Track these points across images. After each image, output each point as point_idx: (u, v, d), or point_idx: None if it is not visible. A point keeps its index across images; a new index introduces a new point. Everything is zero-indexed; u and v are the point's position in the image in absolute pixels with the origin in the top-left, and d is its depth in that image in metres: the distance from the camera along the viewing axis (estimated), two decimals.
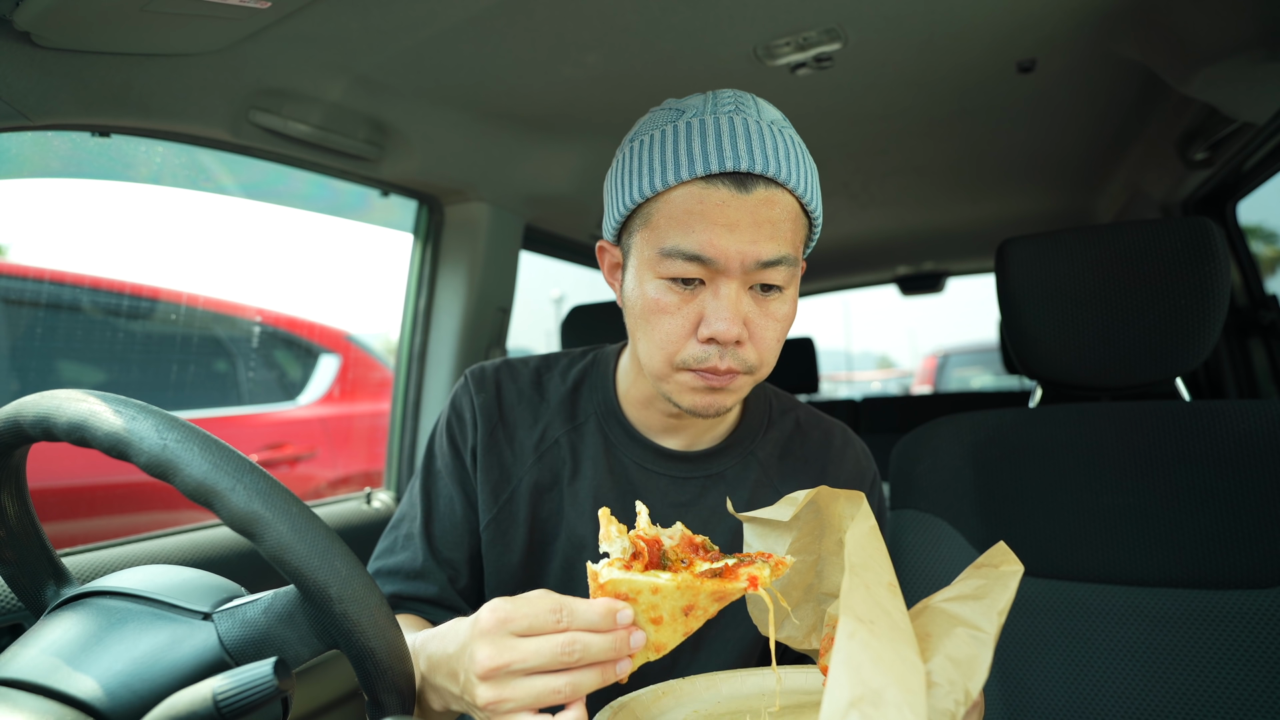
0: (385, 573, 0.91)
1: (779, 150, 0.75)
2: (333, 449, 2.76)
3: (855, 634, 0.51)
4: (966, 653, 0.56)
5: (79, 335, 2.07)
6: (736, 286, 0.74)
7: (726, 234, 0.72)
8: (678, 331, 0.76)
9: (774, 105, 0.86)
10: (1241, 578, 0.95)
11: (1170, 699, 0.94)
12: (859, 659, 0.50)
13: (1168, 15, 1.22)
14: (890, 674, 0.49)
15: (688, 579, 0.57)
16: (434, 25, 1.16)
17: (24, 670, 0.50)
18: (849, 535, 0.60)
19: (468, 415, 0.93)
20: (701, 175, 0.73)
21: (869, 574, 0.57)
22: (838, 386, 16.67)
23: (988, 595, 0.61)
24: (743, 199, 0.73)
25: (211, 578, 0.61)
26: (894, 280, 3.68)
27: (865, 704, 0.47)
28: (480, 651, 0.56)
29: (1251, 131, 1.51)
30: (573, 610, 0.56)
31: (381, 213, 1.85)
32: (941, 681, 0.54)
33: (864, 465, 0.97)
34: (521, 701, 0.55)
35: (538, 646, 0.55)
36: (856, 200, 2.33)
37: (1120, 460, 1.05)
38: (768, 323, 0.77)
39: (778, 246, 0.74)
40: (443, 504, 0.92)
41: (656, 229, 0.76)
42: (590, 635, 0.55)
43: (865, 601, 0.54)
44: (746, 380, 0.79)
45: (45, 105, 1.00)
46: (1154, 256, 1.06)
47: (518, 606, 0.56)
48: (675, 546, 0.61)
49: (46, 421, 0.53)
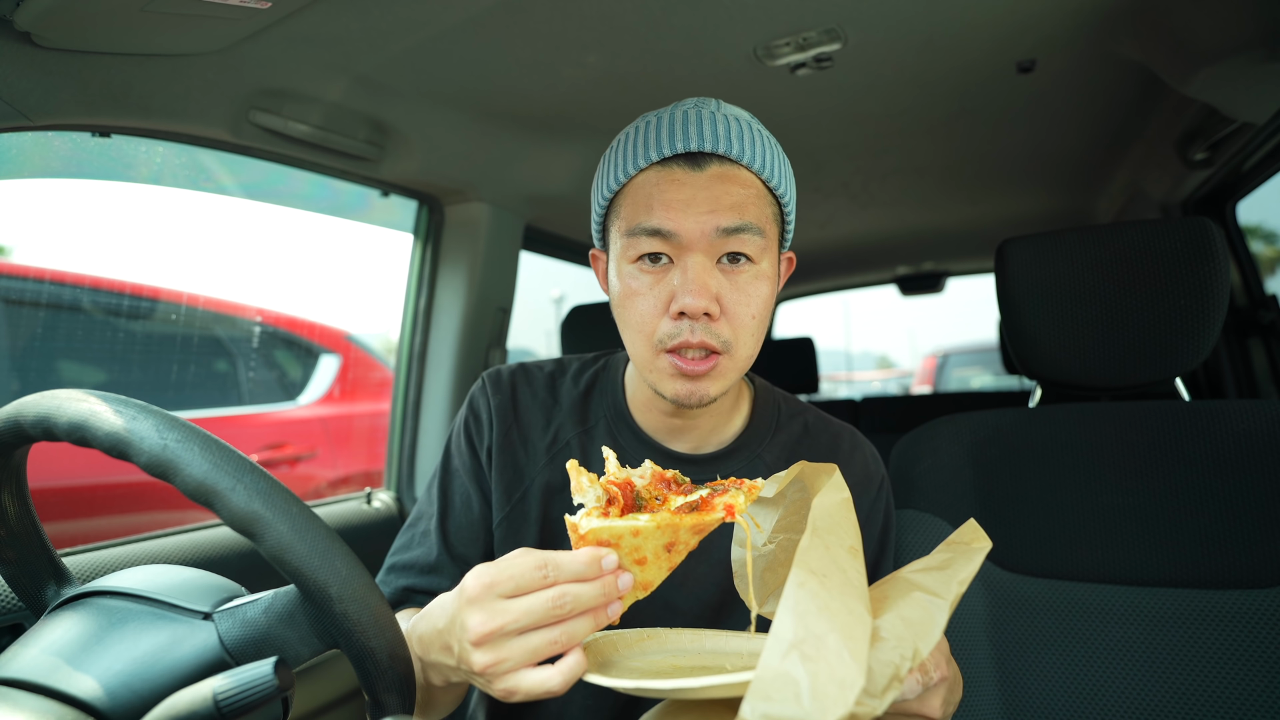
0: (400, 567, 0.92)
1: (731, 131, 0.78)
2: (333, 449, 2.76)
3: (805, 584, 0.53)
4: (920, 615, 0.57)
5: (79, 335, 2.07)
6: (701, 259, 0.77)
7: (684, 207, 0.76)
8: (651, 311, 0.78)
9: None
10: (1241, 578, 0.95)
11: (1170, 699, 0.94)
12: (806, 606, 0.51)
13: (1168, 15, 1.22)
14: (834, 622, 0.51)
15: (666, 518, 0.58)
16: (434, 25, 1.16)
17: (24, 670, 0.50)
18: (816, 501, 0.62)
19: (484, 416, 0.95)
20: (657, 160, 0.78)
21: (831, 536, 0.58)
22: (837, 386, 16.67)
23: (950, 566, 0.62)
24: (696, 175, 0.77)
25: (212, 577, 0.61)
26: (894, 280, 3.68)
27: (806, 646, 0.49)
28: (471, 619, 0.56)
29: (1251, 131, 1.51)
30: (558, 564, 0.56)
31: (381, 213, 1.85)
32: (889, 637, 0.55)
33: (872, 469, 0.97)
34: (519, 660, 0.56)
35: (528, 605, 0.56)
36: (856, 200, 2.33)
37: (1120, 460, 1.05)
38: (739, 297, 0.78)
39: (737, 215, 0.77)
40: (459, 501, 0.93)
41: (624, 217, 0.81)
42: (578, 585, 0.56)
43: (822, 558, 0.56)
44: (726, 363, 0.79)
45: (46, 105, 1.00)
46: (1154, 256, 1.06)
47: (502, 569, 0.57)
48: (648, 485, 0.62)
49: (47, 421, 0.53)
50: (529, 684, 0.56)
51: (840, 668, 0.48)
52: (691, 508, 0.60)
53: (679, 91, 1.44)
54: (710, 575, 0.89)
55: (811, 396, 3.01)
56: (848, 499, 0.63)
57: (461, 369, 1.89)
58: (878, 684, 0.52)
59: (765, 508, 0.72)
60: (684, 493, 0.62)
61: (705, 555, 0.89)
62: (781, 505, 0.71)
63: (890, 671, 0.53)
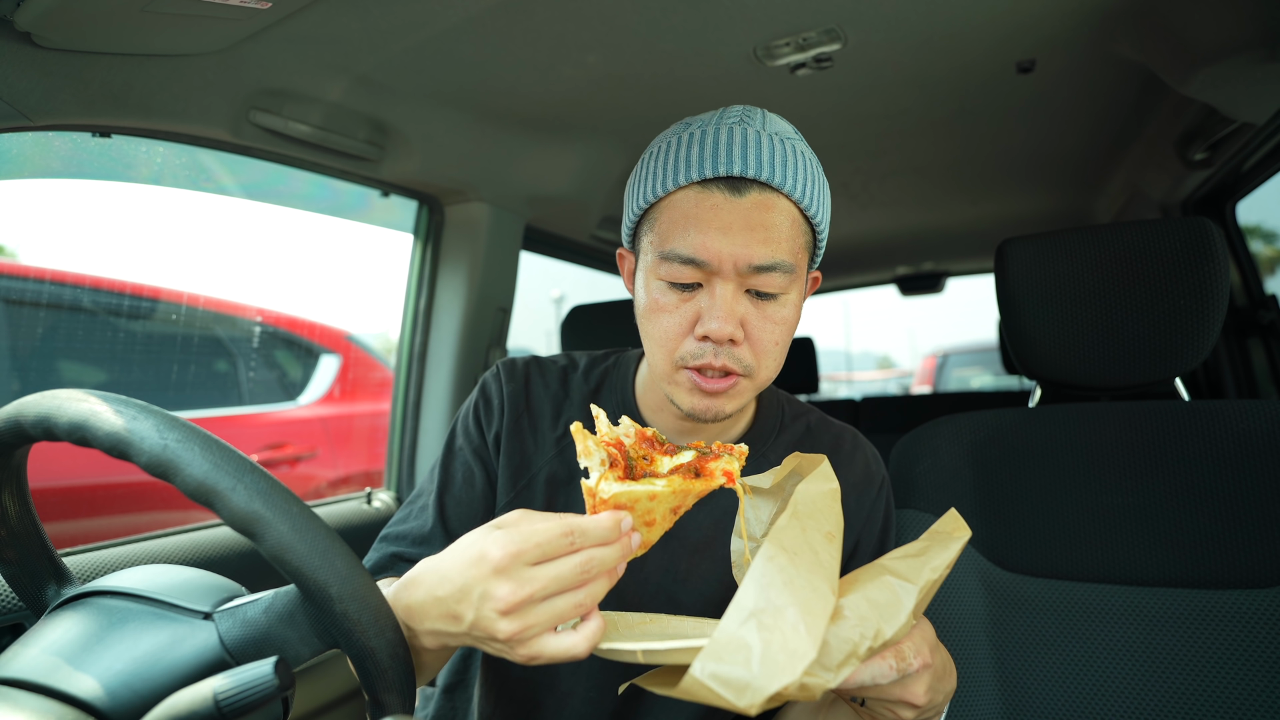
0: (393, 537, 0.91)
1: (775, 157, 0.77)
2: (333, 449, 2.76)
3: (774, 559, 0.55)
4: (886, 597, 0.59)
5: (79, 335, 2.07)
6: (732, 288, 0.76)
7: (720, 236, 0.75)
8: (676, 329, 0.78)
9: (774, 110, 0.87)
10: (1241, 578, 0.95)
11: (1170, 699, 0.94)
12: (771, 579, 0.54)
13: (1168, 15, 1.22)
14: (796, 597, 0.53)
15: (679, 483, 0.61)
16: (434, 25, 1.16)
17: (25, 670, 0.50)
18: (801, 486, 0.63)
19: (496, 401, 0.96)
20: (698, 180, 0.77)
21: (810, 520, 0.60)
22: (837, 386, 16.68)
23: (926, 554, 0.63)
24: (736, 202, 0.76)
25: (212, 577, 0.61)
26: (894, 280, 3.68)
27: (765, 615, 0.52)
28: (499, 589, 0.55)
29: (1251, 131, 1.51)
30: (583, 530, 0.57)
31: (381, 213, 1.85)
32: (851, 616, 0.56)
33: (873, 470, 0.97)
34: (545, 625, 0.56)
35: (557, 572, 0.56)
36: (856, 200, 2.33)
37: (1120, 460, 1.05)
38: (765, 325, 0.78)
39: (771, 251, 0.76)
40: (460, 477, 0.94)
41: (659, 233, 0.79)
42: (601, 549, 0.57)
43: (795, 538, 0.58)
44: (746, 384, 0.80)
45: (46, 105, 1.00)
46: (1154, 256, 1.06)
47: (527, 538, 0.56)
48: (635, 444, 0.64)
49: (47, 421, 0.53)
50: (553, 649, 0.57)
51: (794, 639, 0.50)
52: (695, 473, 0.63)
53: (679, 91, 1.45)
54: (713, 571, 0.89)
55: (811, 396, 3.01)
56: (835, 490, 0.65)
57: (461, 369, 1.89)
58: (833, 658, 0.54)
59: (763, 499, 0.73)
60: (667, 452, 0.64)
61: (708, 551, 0.90)
62: (779, 498, 0.72)
63: (848, 648, 0.54)
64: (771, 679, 0.49)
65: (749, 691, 0.49)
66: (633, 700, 0.89)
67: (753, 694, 0.49)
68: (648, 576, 0.89)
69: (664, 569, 0.89)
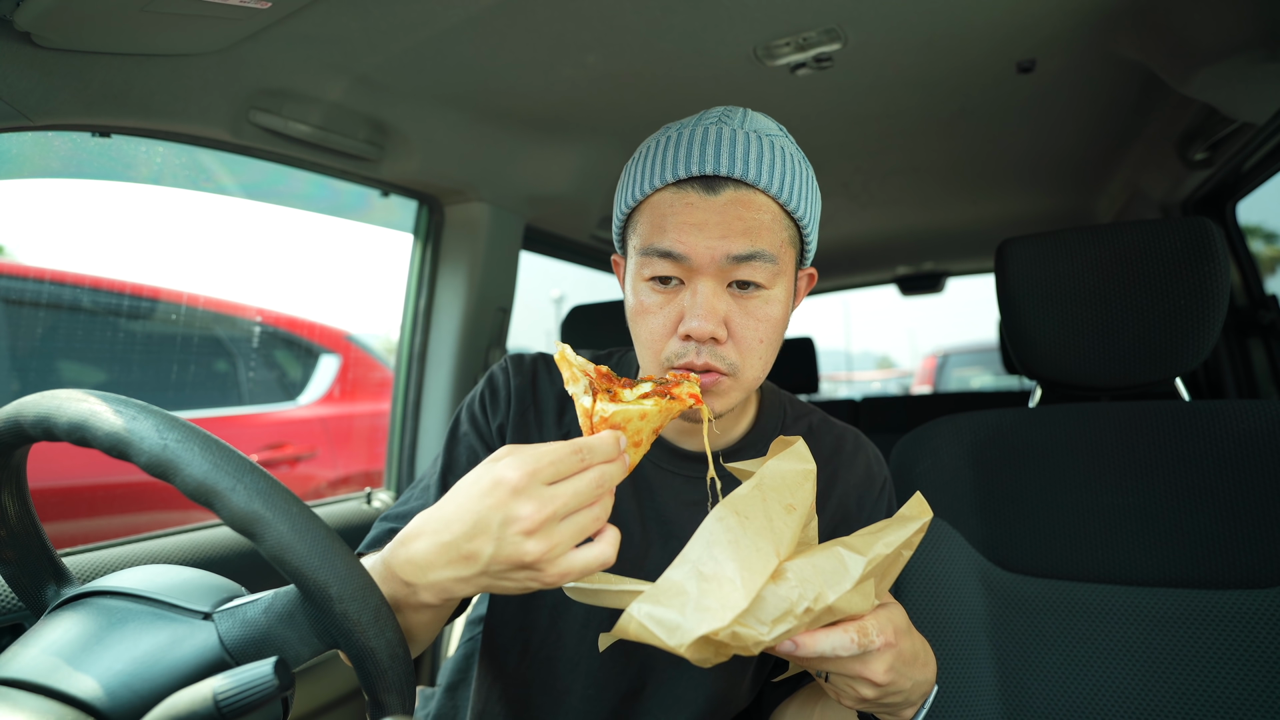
0: (394, 516, 0.90)
1: (751, 154, 0.77)
2: (333, 449, 2.76)
3: (725, 519, 0.59)
4: (833, 565, 0.61)
5: (79, 335, 2.07)
6: (712, 284, 0.77)
7: (695, 232, 0.76)
8: (660, 330, 0.79)
9: (774, 110, 0.87)
10: (1241, 578, 0.95)
11: (1170, 699, 0.94)
12: (717, 537, 0.58)
13: (1168, 15, 1.22)
14: (738, 554, 0.57)
15: (663, 403, 0.65)
16: (434, 25, 1.16)
17: (24, 670, 0.50)
18: (771, 463, 0.66)
19: (503, 393, 0.96)
20: (672, 181, 0.78)
21: (772, 493, 0.63)
22: (837, 386, 16.67)
23: (882, 531, 0.66)
24: (710, 200, 0.76)
25: (212, 577, 0.61)
26: (894, 280, 3.68)
27: (705, 566, 0.56)
28: (523, 509, 0.56)
29: (1251, 131, 1.51)
30: (591, 447, 0.60)
31: (381, 213, 1.85)
32: (793, 578, 0.59)
33: (875, 470, 0.97)
34: (570, 543, 0.58)
35: (575, 488, 0.58)
36: (856, 200, 2.33)
37: (1120, 460, 1.05)
38: (749, 322, 0.78)
39: (750, 242, 0.76)
40: (464, 457, 0.93)
41: (640, 234, 0.81)
42: (610, 465, 0.60)
43: (752, 505, 0.61)
44: (730, 383, 0.79)
45: (46, 105, 1.00)
46: (1154, 256, 1.06)
47: (539, 457, 0.58)
48: (595, 378, 0.67)
49: (47, 421, 0.53)
50: (582, 562, 0.58)
51: (730, 592, 0.54)
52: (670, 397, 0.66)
53: (679, 91, 1.44)
54: None
55: (811, 396, 3.01)
56: (808, 470, 0.67)
57: (461, 369, 1.89)
58: (768, 613, 0.57)
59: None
60: (626, 385, 0.67)
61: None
62: None
63: (785, 606, 0.57)
64: (701, 623, 0.53)
65: (679, 632, 0.53)
66: (631, 698, 0.89)
67: (682, 634, 0.53)
68: (648, 576, 0.89)
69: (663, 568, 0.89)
